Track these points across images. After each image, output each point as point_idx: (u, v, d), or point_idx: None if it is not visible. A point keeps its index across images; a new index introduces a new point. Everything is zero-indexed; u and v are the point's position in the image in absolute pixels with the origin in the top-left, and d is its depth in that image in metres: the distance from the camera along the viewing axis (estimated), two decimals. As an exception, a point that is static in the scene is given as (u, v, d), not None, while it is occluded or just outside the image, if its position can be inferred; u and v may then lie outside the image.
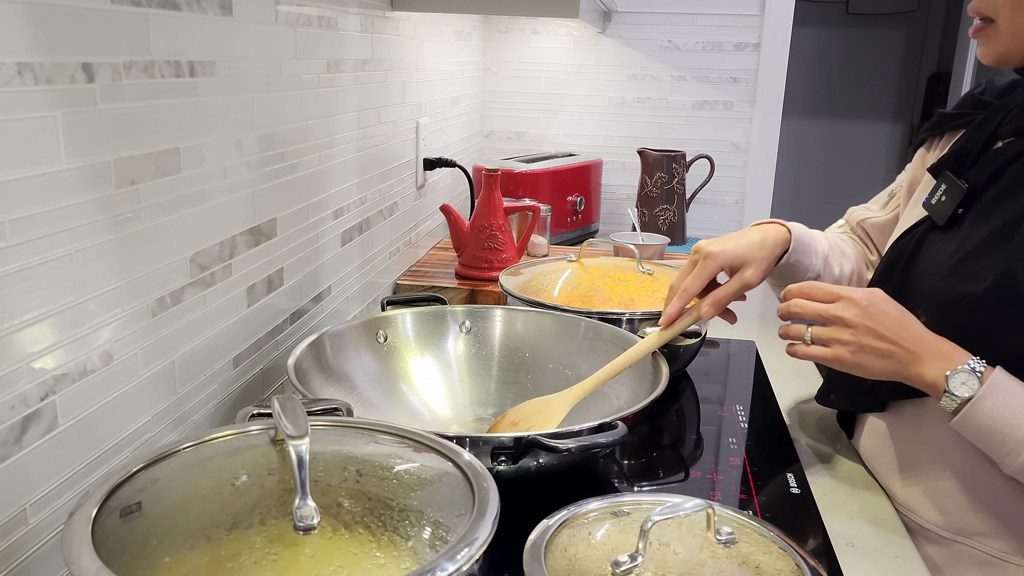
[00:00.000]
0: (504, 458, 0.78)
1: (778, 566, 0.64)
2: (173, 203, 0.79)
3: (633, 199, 2.21)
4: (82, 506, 0.53)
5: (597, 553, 0.65)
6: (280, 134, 1.00)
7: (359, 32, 1.24)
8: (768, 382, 1.22)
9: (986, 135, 0.86)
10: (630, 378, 1.00)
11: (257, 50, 0.93)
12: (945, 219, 0.85)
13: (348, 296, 1.30)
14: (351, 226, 1.27)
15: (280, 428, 0.59)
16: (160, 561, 0.52)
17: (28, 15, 0.59)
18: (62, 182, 0.64)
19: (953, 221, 0.85)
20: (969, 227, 0.83)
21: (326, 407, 0.71)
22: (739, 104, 2.18)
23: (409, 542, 0.56)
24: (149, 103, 0.74)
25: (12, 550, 0.62)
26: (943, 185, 0.86)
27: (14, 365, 0.61)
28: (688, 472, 0.97)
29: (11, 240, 0.59)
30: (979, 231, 0.81)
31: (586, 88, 2.23)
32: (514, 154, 2.13)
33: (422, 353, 1.10)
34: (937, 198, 0.87)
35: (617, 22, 2.17)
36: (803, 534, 0.83)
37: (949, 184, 0.86)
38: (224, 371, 0.92)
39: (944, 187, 0.86)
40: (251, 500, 0.58)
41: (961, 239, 0.82)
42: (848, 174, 3.89)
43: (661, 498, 0.70)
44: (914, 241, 0.89)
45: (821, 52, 3.82)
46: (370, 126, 1.32)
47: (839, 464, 1.00)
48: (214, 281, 0.88)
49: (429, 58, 1.65)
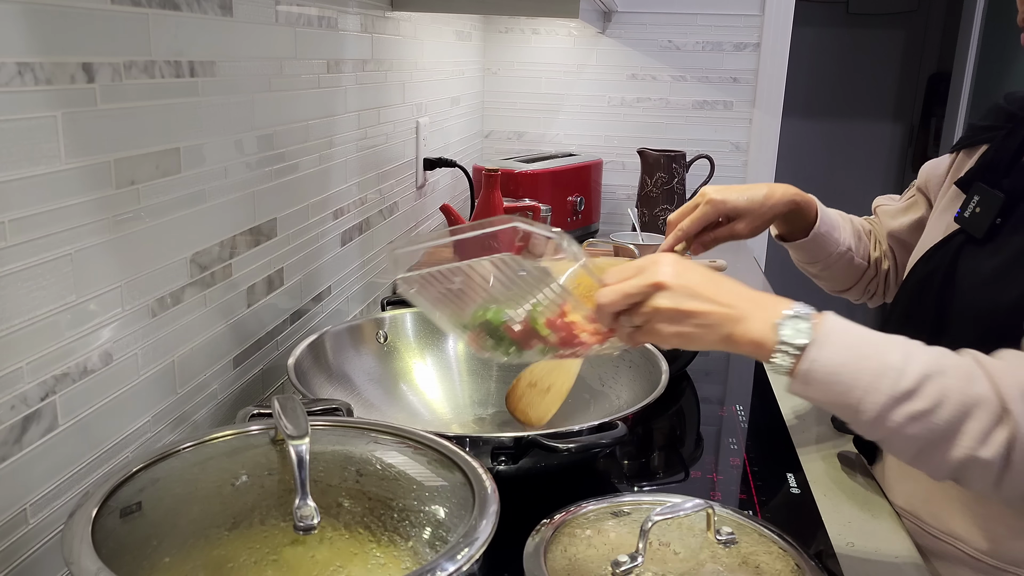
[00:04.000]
0: (504, 458, 0.78)
1: (778, 566, 0.64)
2: (173, 203, 0.79)
3: (633, 199, 2.21)
4: (82, 506, 0.53)
5: (597, 553, 0.65)
6: (280, 134, 1.00)
7: (359, 32, 1.24)
8: (768, 382, 1.22)
9: (1016, 144, 0.85)
10: (630, 378, 1.00)
11: (257, 50, 0.93)
12: (984, 231, 0.82)
13: (348, 296, 1.30)
14: (351, 226, 1.27)
15: (280, 428, 0.59)
16: (160, 561, 0.52)
17: (28, 15, 0.59)
18: (62, 182, 0.64)
19: (992, 233, 0.82)
20: (1008, 236, 0.80)
21: (326, 407, 0.71)
22: (739, 104, 2.18)
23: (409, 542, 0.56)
24: (149, 103, 0.74)
25: (12, 550, 0.62)
26: (976, 196, 0.84)
27: (14, 365, 0.61)
28: (688, 472, 0.97)
29: (11, 240, 0.59)
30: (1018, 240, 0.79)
31: (586, 88, 2.23)
32: (514, 154, 2.13)
33: (422, 353, 1.10)
34: (971, 210, 0.84)
35: (617, 22, 2.17)
36: (803, 534, 0.83)
37: (984, 195, 0.83)
38: (224, 371, 0.92)
39: (978, 198, 0.84)
40: (251, 500, 0.58)
41: (1001, 249, 0.80)
42: (848, 174, 3.89)
43: (661, 498, 0.70)
44: (950, 254, 0.85)
45: (821, 52, 3.81)
46: (370, 126, 1.32)
47: (839, 464, 1.00)
48: (214, 281, 0.88)
49: (429, 58, 1.65)
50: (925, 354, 0.66)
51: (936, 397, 0.63)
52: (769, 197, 0.97)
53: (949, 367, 0.65)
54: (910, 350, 0.66)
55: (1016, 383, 0.64)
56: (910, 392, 0.63)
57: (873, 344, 0.66)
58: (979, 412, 0.63)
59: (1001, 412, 0.63)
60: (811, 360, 0.65)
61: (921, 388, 0.63)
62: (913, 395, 0.63)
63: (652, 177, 2.02)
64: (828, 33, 3.81)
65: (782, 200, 0.98)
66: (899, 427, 0.64)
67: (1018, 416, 0.63)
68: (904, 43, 3.81)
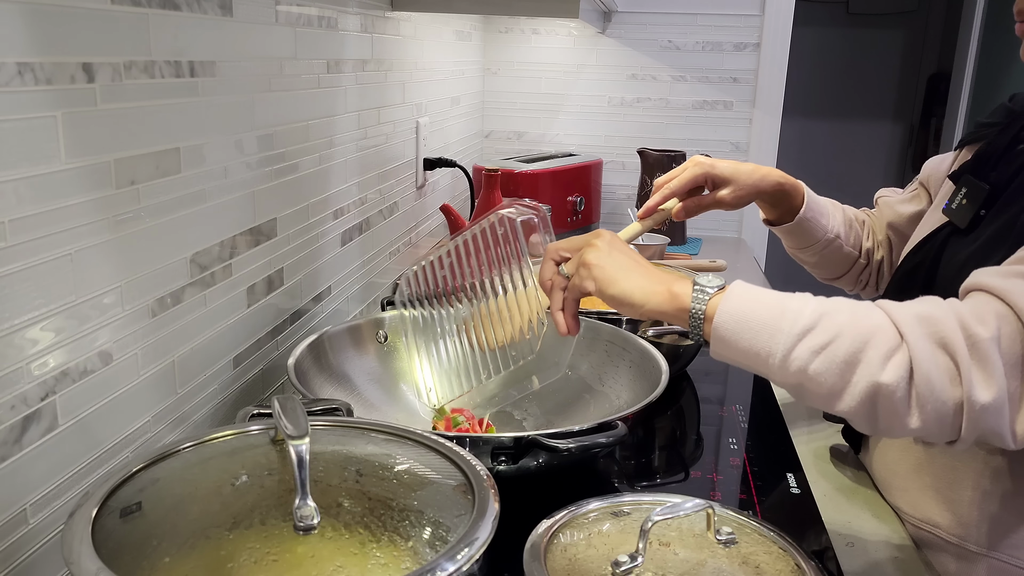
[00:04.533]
0: (504, 458, 0.78)
1: (778, 566, 0.64)
2: (173, 203, 0.79)
3: (633, 199, 2.21)
4: (82, 506, 0.53)
5: (597, 553, 0.65)
6: (280, 134, 1.00)
7: (359, 32, 1.24)
8: (768, 382, 1.22)
9: (1008, 139, 0.86)
10: (630, 378, 1.00)
11: (257, 50, 0.93)
12: (967, 221, 0.84)
13: (348, 296, 1.30)
14: (351, 226, 1.27)
15: (280, 428, 0.59)
16: (160, 561, 0.52)
17: (28, 15, 0.59)
18: (62, 182, 0.64)
19: (975, 223, 0.84)
20: (987, 226, 0.82)
21: (326, 407, 0.71)
22: (739, 104, 2.18)
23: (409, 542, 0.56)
24: (149, 103, 0.74)
25: (12, 550, 0.62)
26: (964, 188, 0.86)
27: (14, 365, 0.61)
28: (688, 472, 0.97)
29: (11, 240, 0.59)
30: (993, 227, 0.80)
31: (586, 88, 2.23)
32: (514, 154, 2.13)
33: (422, 353, 1.10)
34: (958, 202, 0.86)
35: (617, 22, 2.17)
36: (803, 534, 0.83)
37: (971, 187, 0.85)
38: (224, 371, 0.92)
39: (965, 190, 0.85)
40: (251, 500, 0.58)
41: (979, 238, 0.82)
42: (848, 174, 3.89)
43: (661, 498, 0.70)
44: (936, 246, 0.88)
45: (821, 52, 3.81)
46: (370, 126, 1.32)
47: (839, 464, 1.00)
48: (214, 281, 0.88)
49: (429, 58, 1.65)
50: (823, 299, 0.71)
51: (834, 330, 0.67)
52: (756, 171, 1.02)
53: (845, 305, 0.70)
54: (807, 296, 0.71)
55: (910, 311, 0.68)
56: (809, 328, 0.68)
57: (774, 295, 0.72)
58: (876, 339, 0.66)
59: (897, 337, 0.66)
60: (720, 311, 0.71)
61: (819, 323, 0.68)
62: (812, 330, 0.67)
63: (652, 177, 2.01)
64: (828, 33, 3.81)
65: (768, 178, 1.02)
66: (804, 364, 0.67)
67: (912, 338, 0.66)
68: (904, 43, 3.81)
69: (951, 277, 0.82)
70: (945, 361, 0.65)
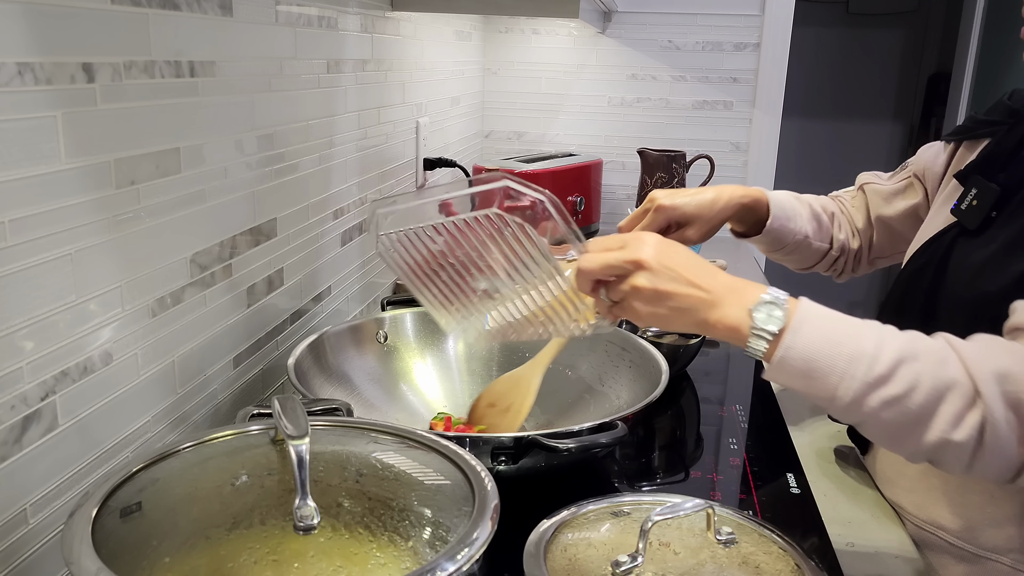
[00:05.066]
0: (504, 458, 0.78)
1: (778, 566, 0.64)
2: (173, 203, 0.79)
3: (633, 199, 2.21)
4: (82, 506, 0.53)
5: (597, 553, 0.65)
6: (280, 134, 1.00)
7: (359, 32, 1.24)
8: (768, 382, 1.22)
9: (1016, 139, 0.85)
10: (630, 378, 1.00)
11: (257, 50, 0.93)
12: (977, 223, 0.83)
13: (348, 296, 1.30)
14: (351, 226, 1.27)
15: (280, 428, 0.59)
16: (160, 561, 0.52)
17: (28, 15, 0.59)
18: (62, 182, 0.64)
19: (985, 225, 0.83)
20: (999, 229, 0.81)
21: (326, 407, 0.71)
22: (739, 104, 2.18)
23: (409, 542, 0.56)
24: (149, 103, 0.74)
25: (12, 550, 0.62)
26: (973, 189, 0.85)
27: (14, 365, 0.61)
28: (688, 472, 0.97)
29: (11, 240, 0.59)
30: (1008, 231, 0.79)
31: (586, 88, 2.23)
32: (514, 154, 2.13)
33: (422, 353, 1.10)
34: (968, 203, 0.85)
35: (617, 22, 2.17)
36: (803, 534, 0.83)
37: (981, 188, 0.84)
38: (224, 371, 0.92)
39: (975, 191, 0.85)
40: (251, 500, 0.58)
41: (992, 240, 0.81)
42: (848, 174, 3.86)
43: (661, 498, 0.70)
44: (944, 246, 0.87)
45: (821, 52, 3.81)
46: (370, 126, 1.32)
47: (839, 464, 1.00)
48: (214, 281, 0.88)
49: (429, 58, 1.65)
50: (898, 339, 0.66)
51: (910, 382, 0.64)
52: (716, 202, 1.00)
53: (922, 351, 0.66)
54: (883, 335, 0.66)
55: (988, 366, 0.65)
56: (884, 377, 0.64)
57: (847, 330, 0.67)
58: (952, 396, 0.64)
59: (973, 395, 0.64)
60: (786, 347, 0.65)
61: (895, 373, 0.64)
62: (887, 380, 0.64)
63: (652, 177, 2.01)
64: (828, 33, 3.81)
65: (729, 204, 1.02)
66: (874, 412, 0.65)
67: (989, 399, 0.63)
68: (904, 43, 3.81)
69: (963, 281, 0.82)
70: (1016, 421, 0.64)
